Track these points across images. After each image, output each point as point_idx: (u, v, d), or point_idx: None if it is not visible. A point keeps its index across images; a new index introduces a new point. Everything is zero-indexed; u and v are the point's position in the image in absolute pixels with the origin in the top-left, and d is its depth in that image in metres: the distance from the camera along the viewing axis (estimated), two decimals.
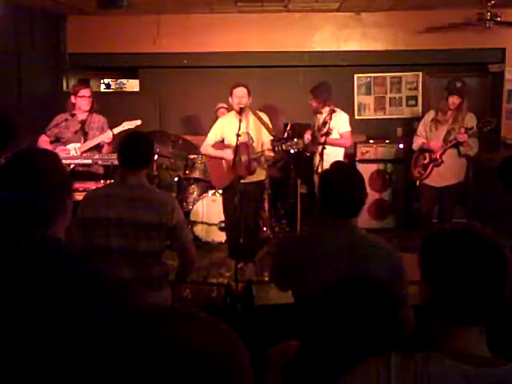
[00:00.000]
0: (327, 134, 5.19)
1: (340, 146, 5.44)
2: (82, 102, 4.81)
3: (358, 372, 1.25)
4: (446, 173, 5.16)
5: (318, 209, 2.32)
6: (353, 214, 2.27)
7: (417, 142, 5.39)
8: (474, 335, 1.22)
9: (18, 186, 1.45)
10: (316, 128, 5.54)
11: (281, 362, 1.80)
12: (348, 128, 5.43)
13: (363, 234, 2.31)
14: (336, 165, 2.43)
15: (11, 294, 1.38)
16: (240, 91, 4.78)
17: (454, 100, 5.07)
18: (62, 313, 1.35)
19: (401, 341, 1.51)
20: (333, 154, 5.39)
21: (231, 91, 4.83)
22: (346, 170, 2.43)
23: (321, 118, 5.48)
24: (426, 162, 5.25)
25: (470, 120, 5.12)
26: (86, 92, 4.84)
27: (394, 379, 1.20)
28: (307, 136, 5.56)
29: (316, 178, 5.48)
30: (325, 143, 5.15)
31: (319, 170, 5.37)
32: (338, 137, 5.36)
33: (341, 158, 5.47)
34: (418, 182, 5.39)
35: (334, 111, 5.27)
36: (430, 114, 5.33)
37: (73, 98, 4.84)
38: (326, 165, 5.27)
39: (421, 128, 5.40)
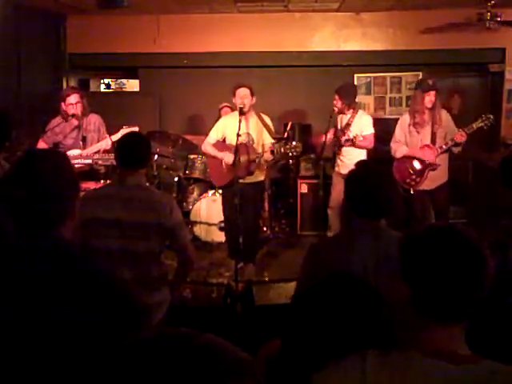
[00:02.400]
0: (353, 141, 5.17)
1: (363, 147, 5.35)
2: (72, 109, 4.69)
3: (333, 369, 1.25)
4: (437, 175, 5.07)
5: (345, 209, 2.25)
6: (380, 214, 2.18)
7: (401, 150, 5.17)
8: (454, 333, 1.22)
9: (29, 186, 1.45)
10: (339, 129, 5.47)
11: (265, 360, 1.80)
12: (371, 130, 5.34)
13: (392, 235, 2.19)
14: (361, 164, 2.33)
15: (20, 294, 1.38)
16: (242, 91, 4.79)
17: (430, 98, 4.95)
18: (71, 312, 1.36)
19: (380, 339, 1.50)
20: (355, 156, 5.35)
21: (234, 91, 4.83)
22: (371, 169, 2.31)
23: (344, 119, 5.42)
24: (420, 168, 5.09)
25: (446, 117, 5.05)
26: (73, 99, 4.69)
27: (369, 377, 1.19)
28: (330, 135, 5.44)
29: (334, 177, 5.47)
30: (343, 144, 5.16)
31: (337, 169, 5.38)
32: (361, 139, 5.32)
33: (364, 158, 5.42)
34: (412, 190, 5.19)
35: (357, 113, 5.28)
36: (406, 118, 5.17)
37: (63, 105, 4.73)
38: (349, 165, 5.29)
39: (399, 133, 5.22)
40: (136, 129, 4.83)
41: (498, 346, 1.88)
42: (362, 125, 5.31)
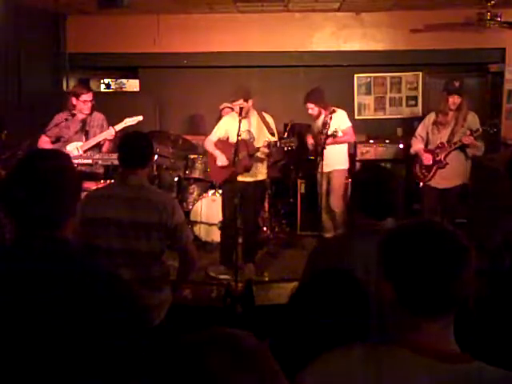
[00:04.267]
0: (334, 135, 5.17)
1: (345, 142, 5.46)
2: (83, 105, 4.79)
3: (319, 363, 1.25)
4: (449, 174, 5.12)
5: (349, 210, 2.29)
6: (386, 214, 2.19)
7: (414, 147, 5.35)
8: (440, 329, 1.21)
9: (30, 186, 1.45)
10: (317, 131, 5.53)
11: None
12: (349, 123, 5.46)
13: None
14: (368, 165, 2.42)
15: (20, 295, 1.38)
16: (237, 104, 4.85)
17: (454, 100, 5.03)
18: (75, 313, 1.36)
19: (366, 335, 1.51)
20: (337, 153, 5.43)
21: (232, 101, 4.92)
22: (376, 169, 2.45)
23: (319, 120, 5.47)
24: (428, 164, 5.19)
25: (473, 119, 5.09)
26: (87, 97, 4.80)
27: (354, 371, 1.19)
28: (310, 141, 5.61)
29: (319, 178, 5.49)
30: (325, 143, 5.16)
31: (318, 170, 5.40)
32: (341, 134, 5.37)
33: (345, 156, 5.53)
34: (421, 184, 5.35)
35: (333, 111, 5.29)
36: (431, 117, 5.27)
37: (74, 100, 4.81)
38: (328, 163, 5.30)
39: (420, 130, 5.35)
40: (140, 118, 4.87)
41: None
42: (338, 121, 5.34)
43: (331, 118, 5.22)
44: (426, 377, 1.15)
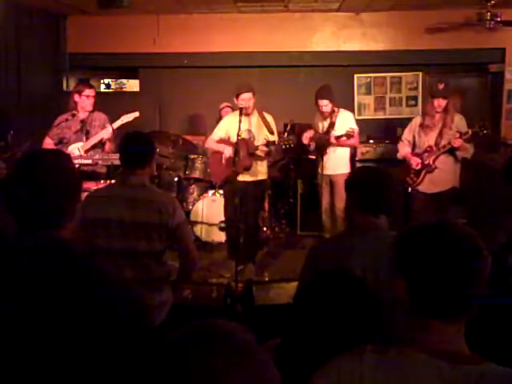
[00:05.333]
0: (348, 136, 5.07)
1: (350, 145, 5.36)
2: (86, 101, 4.76)
3: (331, 366, 1.25)
4: (439, 178, 5.00)
5: (347, 209, 2.32)
6: (381, 208, 2.23)
7: (401, 152, 5.22)
8: (451, 331, 1.21)
9: (30, 186, 1.44)
10: (322, 131, 5.46)
11: None
12: (356, 126, 5.32)
13: (391, 235, 2.15)
14: (363, 166, 2.45)
15: (22, 294, 1.38)
16: (246, 96, 4.86)
17: (439, 103, 4.91)
18: (74, 312, 1.36)
19: (373, 336, 1.51)
20: (340, 157, 5.34)
21: (237, 96, 4.88)
22: (372, 169, 2.59)
23: (327, 119, 5.38)
24: (417, 168, 5.07)
25: (460, 122, 4.99)
26: (90, 92, 4.78)
27: (366, 374, 1.19)
28: (306, 135, 5.48)
29: (319, 178, 5.46)
30: (329, 144, 5.13)
31: (319, 171, 5.38)
32: (356, 130, 5.26)
33: (348, 159, 5.44)
34: (409, 189, 5.20)
35: (339, 111, 5.26)
36: (418, 119, 5.17)
37: (76, 97, 4.77)
38: (330, 165, 5.28)
39: (406, 134, 5.22)
40: (136, 114, 4.87)
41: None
42: (346, 122, 5.25)
43: (337, 118, 5.21)
44: (437, 379, 1.15)
